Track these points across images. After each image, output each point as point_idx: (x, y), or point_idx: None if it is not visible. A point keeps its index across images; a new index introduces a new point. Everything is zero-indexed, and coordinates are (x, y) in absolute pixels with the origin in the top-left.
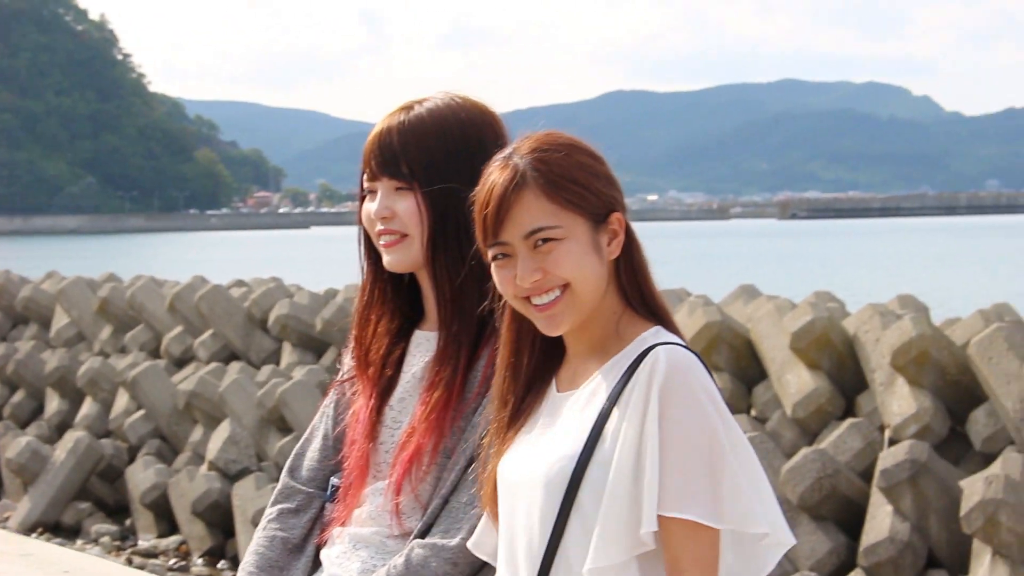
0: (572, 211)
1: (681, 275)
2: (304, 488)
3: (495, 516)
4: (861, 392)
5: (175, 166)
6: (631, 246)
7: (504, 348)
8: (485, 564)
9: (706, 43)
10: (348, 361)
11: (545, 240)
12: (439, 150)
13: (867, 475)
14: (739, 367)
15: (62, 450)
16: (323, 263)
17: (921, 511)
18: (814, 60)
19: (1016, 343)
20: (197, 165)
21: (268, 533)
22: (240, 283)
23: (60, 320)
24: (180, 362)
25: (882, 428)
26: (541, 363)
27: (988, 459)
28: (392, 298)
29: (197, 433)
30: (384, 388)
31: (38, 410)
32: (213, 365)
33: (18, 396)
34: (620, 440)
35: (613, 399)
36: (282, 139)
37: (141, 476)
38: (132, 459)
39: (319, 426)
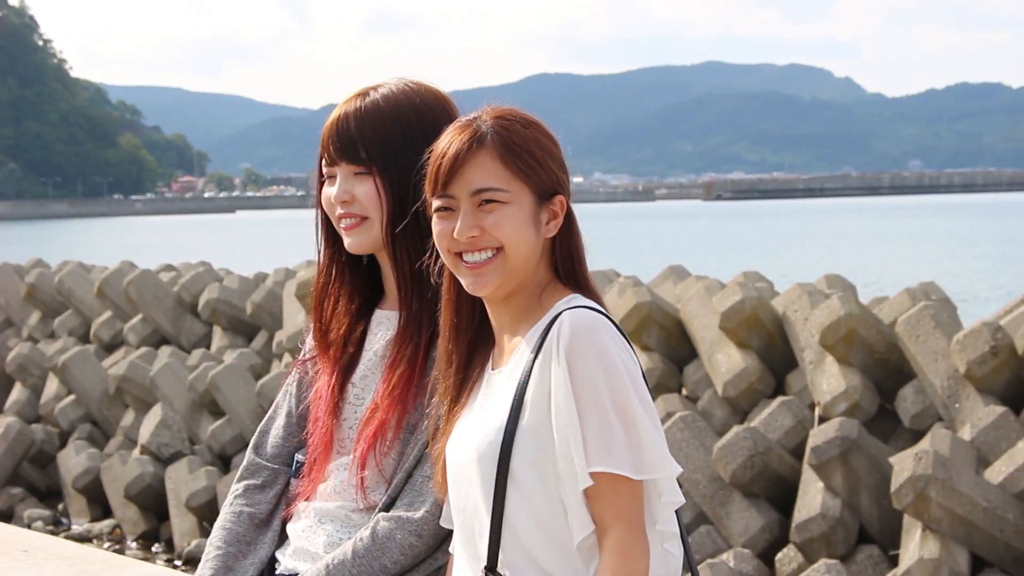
0: (521, 180)
1: (609, 256)
2: (269, 464)
3: (442, 490)
4: (791, 371)
5: (98, 152)
6: (570, 229)
7: (446, 309)
8: (449, 534)
9: (630, 25)
10: (310, 340)
11: (489, 201)
12: (396, 134)
13: (798, 453)
14: (669, 347)
15: None
16: (251, 247)
17: (852, 488)
18: (738, 42)
19: (943, 321)
20: (120, 151)
21: (235, 509)
22: (169, 268)
23: None
24: (110, 347)
25: (812, 406)
26: (482, 331)
27: (917, 436)
28: (351, 279)
29: (129, 417)
30: (346, 366)
31: None
32: (143, 350)
33: None
34: (537, 407)
35: (528, 369)
36: (206, 124)
37: (73, 461)
38: (63, 444)
39: (283, 404)
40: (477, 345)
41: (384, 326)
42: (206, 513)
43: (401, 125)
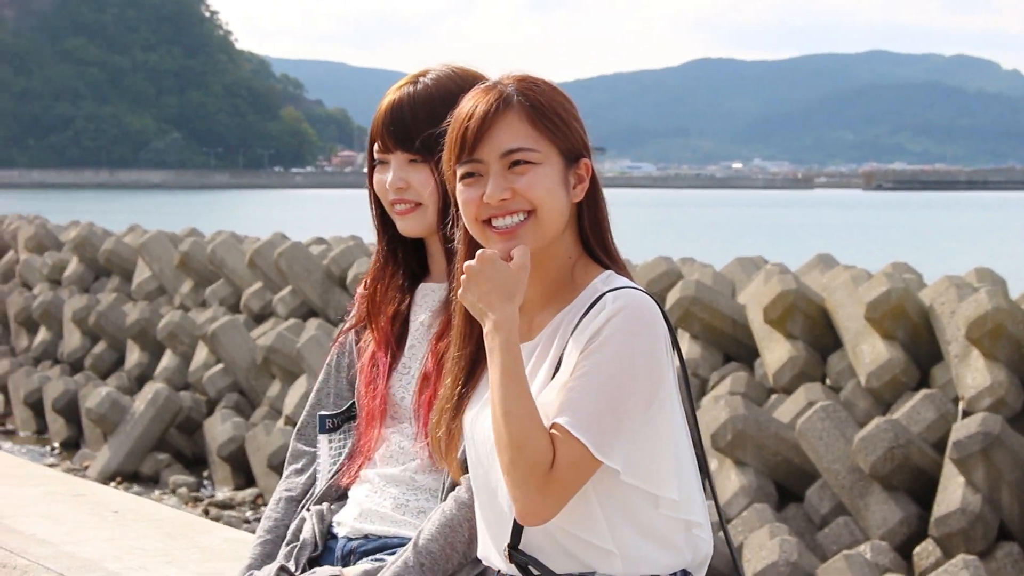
0: (550, 140)
1: (760, 244)
2: (308, 449)
3: (452, 464)
4: (935, 364)
5: (260, 124)
6: (595, 194)
7: (459, 283)
8: None
9: (792, 11)
10: (352, 315)
11: (520, 162)
12: (447, 122)
13: (940, 446)
14: (814, 336)
15: (141, 401)
16: None
17: (993, 483)
18: (902, 32)
19: None
20: (282, 123)
21: (277, 495)
22: (320, 241)
23: (142, 273)
24: (259, 317)
25: (956, 400)
26: None
27: None
28: (402, 258)
29: (274, 388)
30: (396, 337)
31: (119, 362)
32: (291, 321)
33: (99, 347)
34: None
35: (561, 351)
36: (367, 99)
37: (219, 429)
38: (210, 412)
39: (326, 386)
40: None
41: (429, 298)
42: None
43: (452, 111)
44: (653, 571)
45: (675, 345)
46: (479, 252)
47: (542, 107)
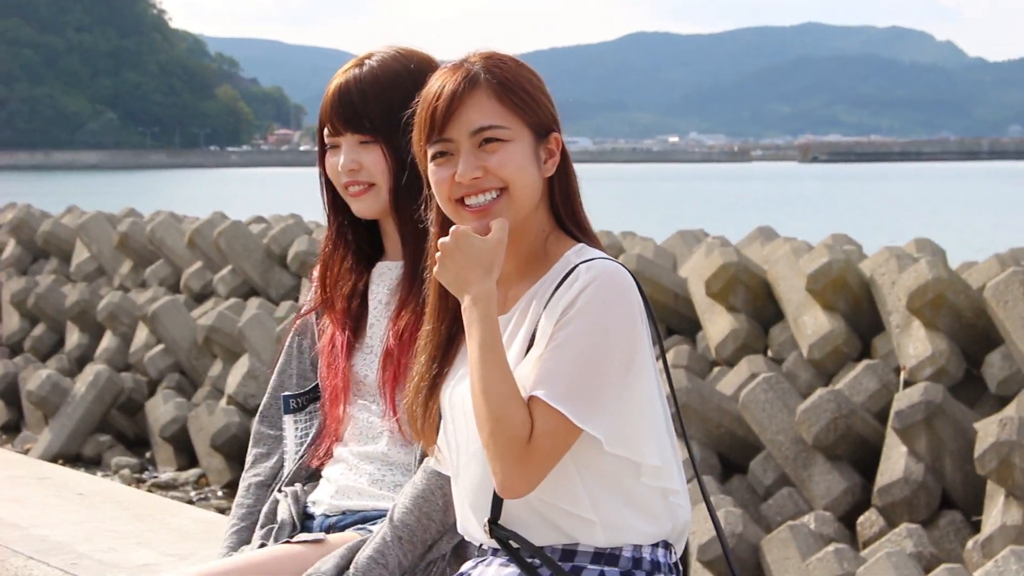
0: (519, 117)
1: (700, 217)
2: (272, 432)
3: (429, 439)
4: (877, 334)
5: (196, 103)
6: (566, 168)
7: (433, 261)
8: None
9: None
10: (309, 296)
11: (490, 140)
12: (396, 100)
13: (882, 416)
14: (755, 308)
15: (82, 383)
16: None
17: (935, 452)
18: (837, 4)
19: None
20: (218, 102)
21: (246, 482)
22: (260, 219)
23: (80, 255)
24: (199, 297)
25: (897, 370)
26: None
27: (1003, 401)
28: (354, 239)
29: (216, 368)
30: (355, 316)
31: (58, 344)
32: (232, 301)
33: (38, 330)
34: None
35: (536, 322)
36: (303, 77)
37: (161, 410)
38: (152, 393)
39: (291, 368)
40: None
41: (386, 277)
42: None
43: (400, 91)
44: (635, 540)
45: (649, 315)
46: (452, 228)
47: (509, 84)
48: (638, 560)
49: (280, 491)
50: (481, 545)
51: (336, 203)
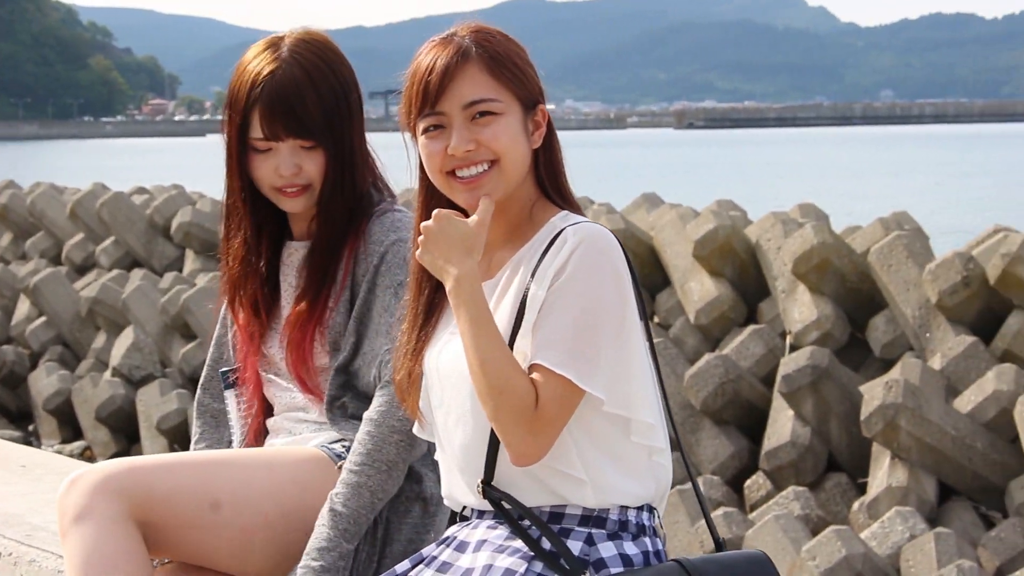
0: (510, 90)
1: (581, 184)
2: (216, 404)
3: (414, 406)
4: (763, 299)
5: (69, 73)
6: (551, 139)
7: (418, 232)
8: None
9: None
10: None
11: (483, 113)
12: (329, 101)
13: (769, 380)
14: (642, 274)
15: None
16: (223, 171)
17: (822, 416)
18: None
19: (915, 251)
20: (91, 72)
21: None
22: (142, 190)
23: None
24: (82, 269)
25: (783, 335)
26: None
27: (887, 365)
28: (258, 219)
29: (100, 340)
30: (267, 299)
31: None
32: (115, 272)
33: None
34: (530, 313)
35: (526, 286)
36: (177, 46)
37: (44, 382)
38: (34, 366)
39: (226, 340)
40: None
41: (294, 258)
42: (177, 435)
43: (331, 90)
44: (621, 501)
45: (633, 276)
46: (435, 212)
47: (500, 57)
48: (624, 523)
49: None
50: (463, 510)
51: (241, 183)
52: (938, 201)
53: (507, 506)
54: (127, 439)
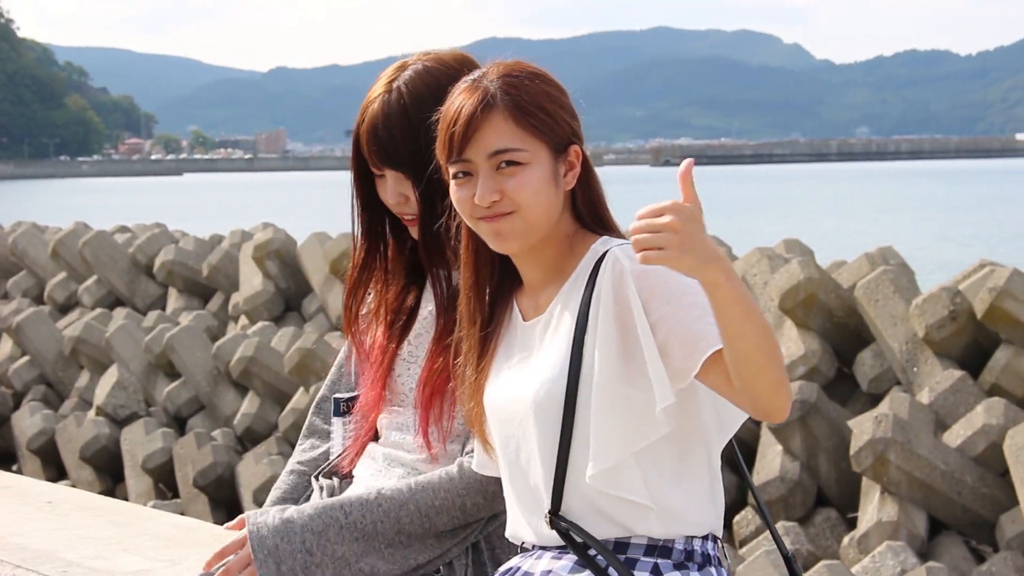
0: (537, 138)
1: None
2: (324, 426)
3: (486, 442)
4: None
5: (45, 112)
6: (588, 178)
7: (465, 269)
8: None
9: None
10: (366, 310)
11: (509, 163)
12: (423, 134)
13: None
14: None
15: None
16: (202, 209)
17: (810, 450)
18: (687, 8)
19: (901, 286)
20: (67, 112)
21: (289, 467)
22: (124, 229)
23: None
24: (64, 308)
25: None
26: (501, 284)
27: (875, 399)
28: (396, 252)
29: (84, 379)
30: (402, 324)
31: None
32: (98, 311)
33: None
34: (605, 349)
35: (584, 311)
36: (153, 85)
37: (28, 422)
38: (17, 405)
39: (345, 369)
40: (497, 300)
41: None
42: (162, 475)
43: (427, 121)
44: (685, 531)
45: None
46: (673, 204)
47: (526, 105)
48: (690, 552)
49: (316, 479)
50: (523, 544)
51: (372, 212)
52: (922, 236)
53: (576, 538)
54: (112, 478)
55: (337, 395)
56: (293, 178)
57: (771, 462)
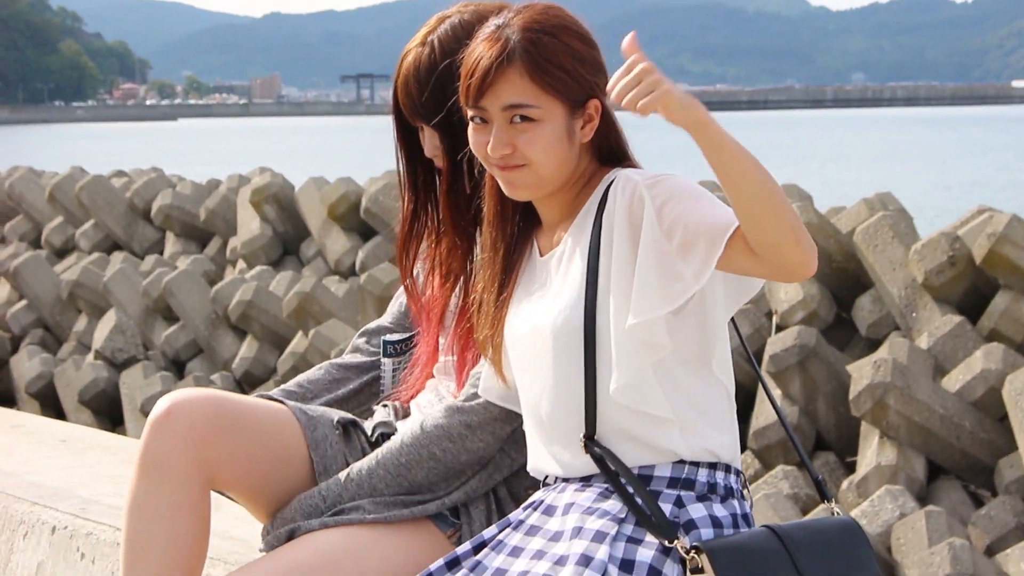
0: (552, 95)
1: None
2: (371, 348)
3: (500, 371)
4: None
5: (39, 58)
6: (607, 129)
7: (489, 197)
8: (516, 433)
9: None
10: (422, 264)
11: (523, 118)
12: (451, 89)
13: (755, 361)
14: None
15: None
16: (197, 154)
17: (809, 395)
18: None
19: (900, 231)
20: (62, 57)
21: (325, 362)
22: (121, 174)
23: None
24: (62, 252)
25: (770, 315)
26: (525, 220)
27: (873, 344)
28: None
29: (82, 323)
30: (454, 278)
31: None
32: (96, 255)
33: None
34: (620, 267)
35: (596, 236)
36: (147, 31)
37: (26, 366)
38: (16, 349)
39: (393, 305)
40: (518, 237)
41: None
42: None
43: (456, 76)
44: (709, 445)
45: None
46: (640, 57)
47: (543, 63)
48: (713, 485)
49: (383, 404)
50: (545, 479)
51: (423, 169)
52: (920, 183)
53: (609, 465)
54: (111, 421)
55: (387, 337)
56: (288, 123)
57: (769, 407)
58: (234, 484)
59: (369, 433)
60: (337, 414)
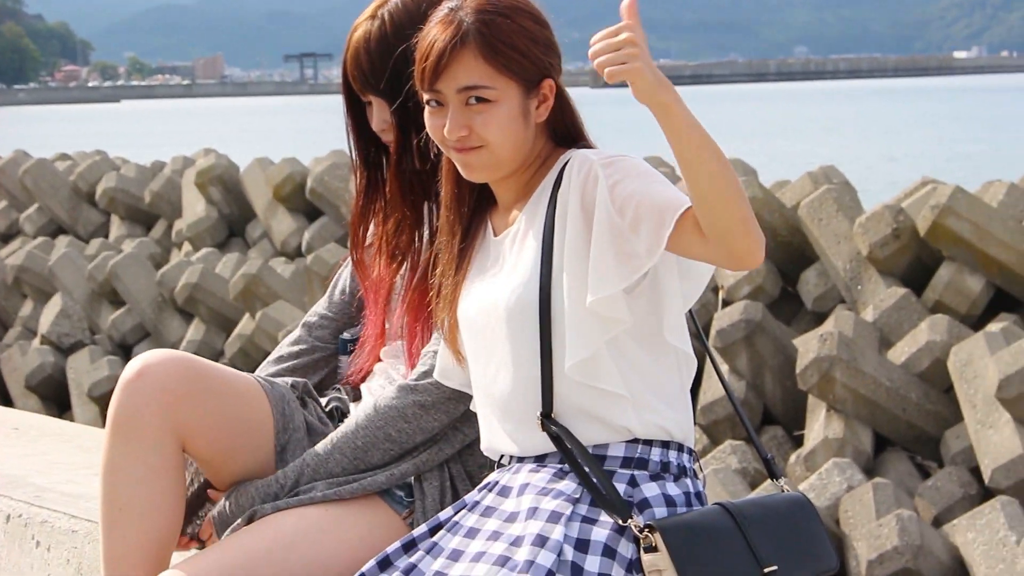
0: (507, 76)
1: None
2: (317, 343)
3: (457, 353)
4: None
5: None
6: (562, 108)
7: (446, 182)
8: (468, 410)
9: None
10: (371, 232)
11: (478, 99)
12: (402, 62)
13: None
14: None
15: None
16: (141, 136)
17: (756, 369)
18: None
19: (845, 204)
20: (2, 39)
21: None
22: (64, 157)
23: None
24: (6, 237)
25: (716, 290)
26: (479, 202)
27: (819, 318)
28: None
29: (27, 308)
30: (400, 258)
31: None
32: (40, 239)
33: None
34: (574, 247)
35: (551, 215)
36: (89, 12)
37: None
38: None
39: (336, 285)
40: (474, 218)
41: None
42: (108, 403)
43: (407, 50)
44: (661, 422)
45: None
46: (632, 24)
47: (497, 44)
48: (666, 464)
49: (337, 388)
50: (500, 460)
51: (371, 146)
52: (865, 156)
53: (565, 443)
54: (58, 406)
55: (344, 335)
56: (232, 104)
57: (716, 382)
58: (201, 447)
59: (324, 404)
60: (292, 379)
